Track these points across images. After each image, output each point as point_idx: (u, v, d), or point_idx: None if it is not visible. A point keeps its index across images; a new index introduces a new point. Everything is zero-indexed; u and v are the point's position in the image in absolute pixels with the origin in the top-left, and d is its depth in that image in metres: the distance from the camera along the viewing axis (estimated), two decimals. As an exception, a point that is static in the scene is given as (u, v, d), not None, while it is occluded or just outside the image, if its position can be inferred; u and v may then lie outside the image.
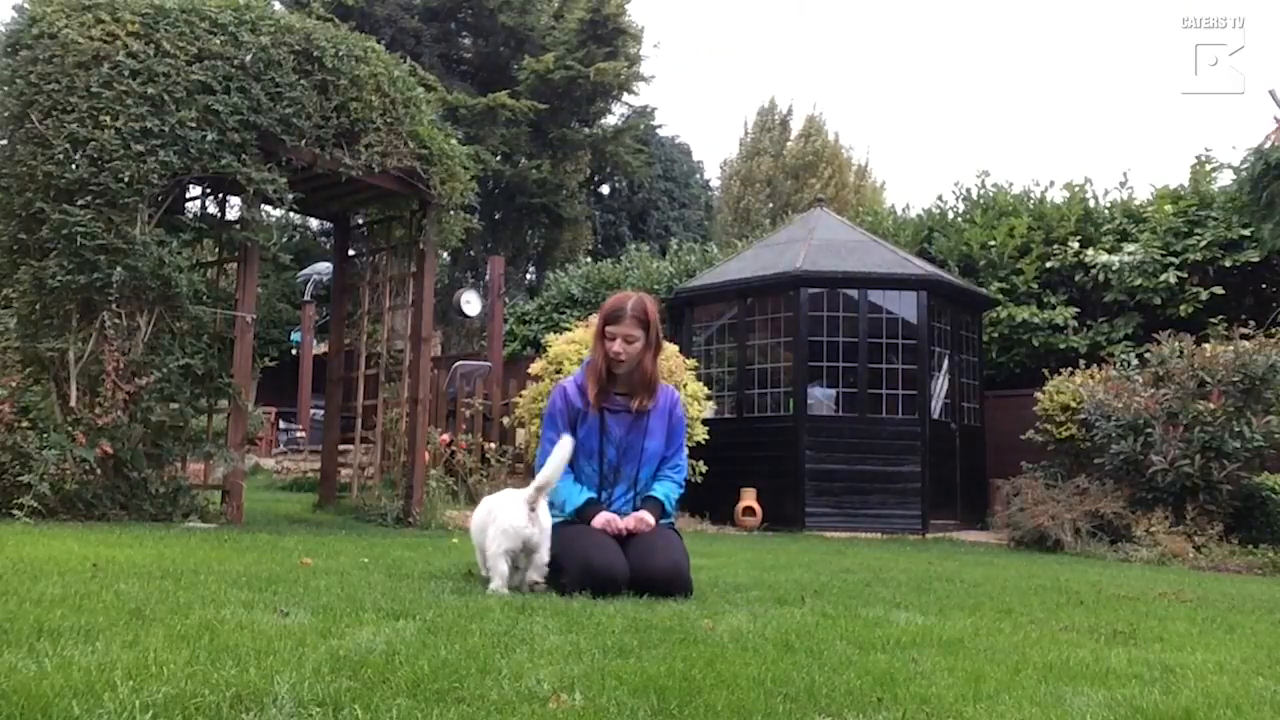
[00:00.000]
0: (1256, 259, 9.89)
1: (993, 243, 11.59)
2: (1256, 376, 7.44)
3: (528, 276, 25.73)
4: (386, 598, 2.72)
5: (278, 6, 6.94)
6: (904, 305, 9.25)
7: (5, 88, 5.40)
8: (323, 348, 13.64)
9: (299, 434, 15.00)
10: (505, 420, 9.41)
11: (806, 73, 55.86)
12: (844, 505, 8.71)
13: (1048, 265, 11.22)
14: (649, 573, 3.10)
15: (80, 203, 5.22)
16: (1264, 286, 10.35)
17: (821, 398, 9.19)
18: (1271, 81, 10.67)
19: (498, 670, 1.81)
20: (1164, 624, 3.19)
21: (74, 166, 5.24)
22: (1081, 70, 58.69)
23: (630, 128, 24.81)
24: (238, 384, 5.83)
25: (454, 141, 6.88)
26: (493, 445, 8.83)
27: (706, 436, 8.24)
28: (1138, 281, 10.31)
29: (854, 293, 9.20)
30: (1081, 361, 9.73)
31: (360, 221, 8.14)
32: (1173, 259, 10.31)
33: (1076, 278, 11.03)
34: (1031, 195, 12.37)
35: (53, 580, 2.61)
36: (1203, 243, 10.20)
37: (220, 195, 6.37)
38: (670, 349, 8.35)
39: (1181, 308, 10.12)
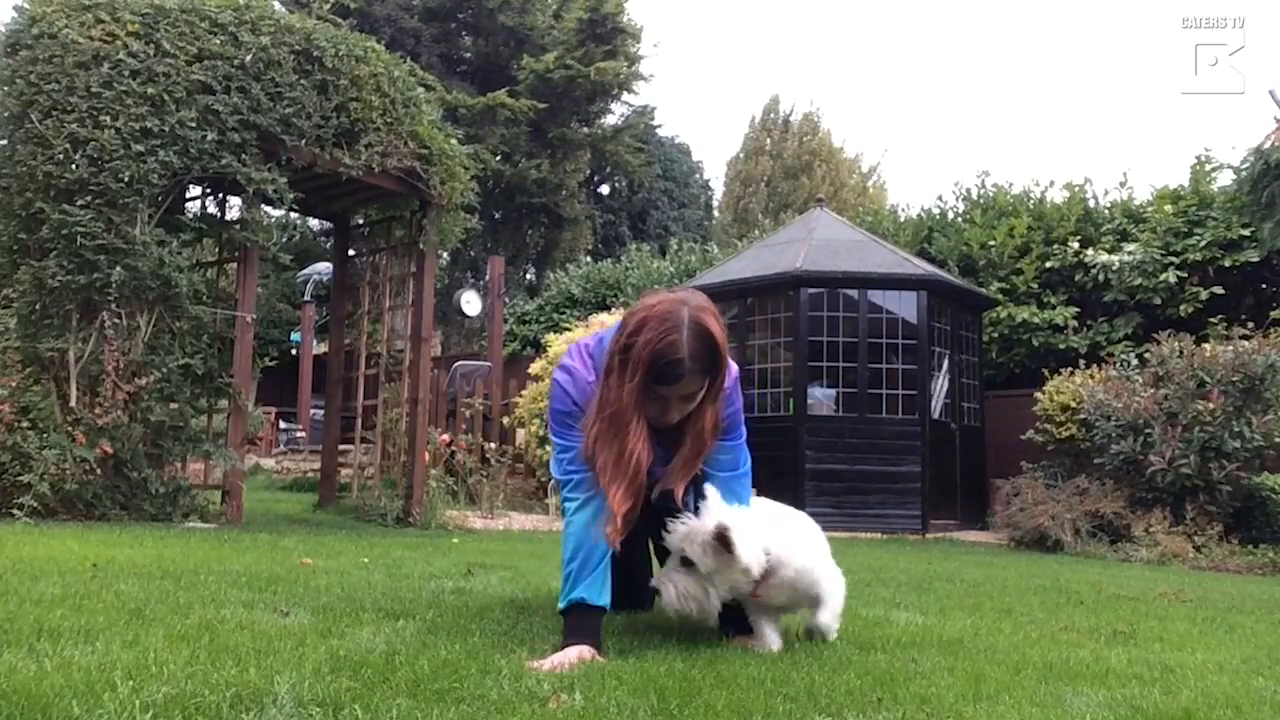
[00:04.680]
0: (1256, 259, 9.89)
1: (993, 243, 11.59)
2: (1256, 376, 7.44)
3: (528, 276, 25.73)
4: (386, 598, 2.72)
5: (278, 6, 6.93)
6: (904, 305, 9.25)
7: (5, 88, 5.39)
8: (323, 348, 13.64)
9: (299, 434, 15.00)
10: (505, 420, 9.40)
11: (806, 73, 55.88)
12: (844, 505, 8.71)
13: (1048, 265, 11.22)
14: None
15: (80, 203, 5.22)
16: (1264, 286, 10.34)
17: (821, 398, 9.19)
18: (1271, 81, 10.67)
19: (498, 670, 1.81)
20: (1164, 624, 3.19)
21: (74, 166, 5.24)
22: (1081, 70, 58.69)
23: (630, 127, 24.81)
24: (238, 384, 5.83)
25: (454, 141, 6.88)
26: (493, 445, 8.83)
27: (706, 436, 8.22)
28: (1138, 281, 10.31)
29: (854, 293, 9.20)
30: (1081, 361, 9.73)
31: (360, 221, 8.13)
32: (1173, 259, 10.31)
33: (1076, 278, 11.02)
34: (1031, 195, 12.37)
35: (53, 580, 2.61)
36: (1203, 243, 10.20)
37: (220, 195, 6.37)
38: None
39: (1181, 308, 10.12)
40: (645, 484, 2.16)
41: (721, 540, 2.13)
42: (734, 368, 2.38)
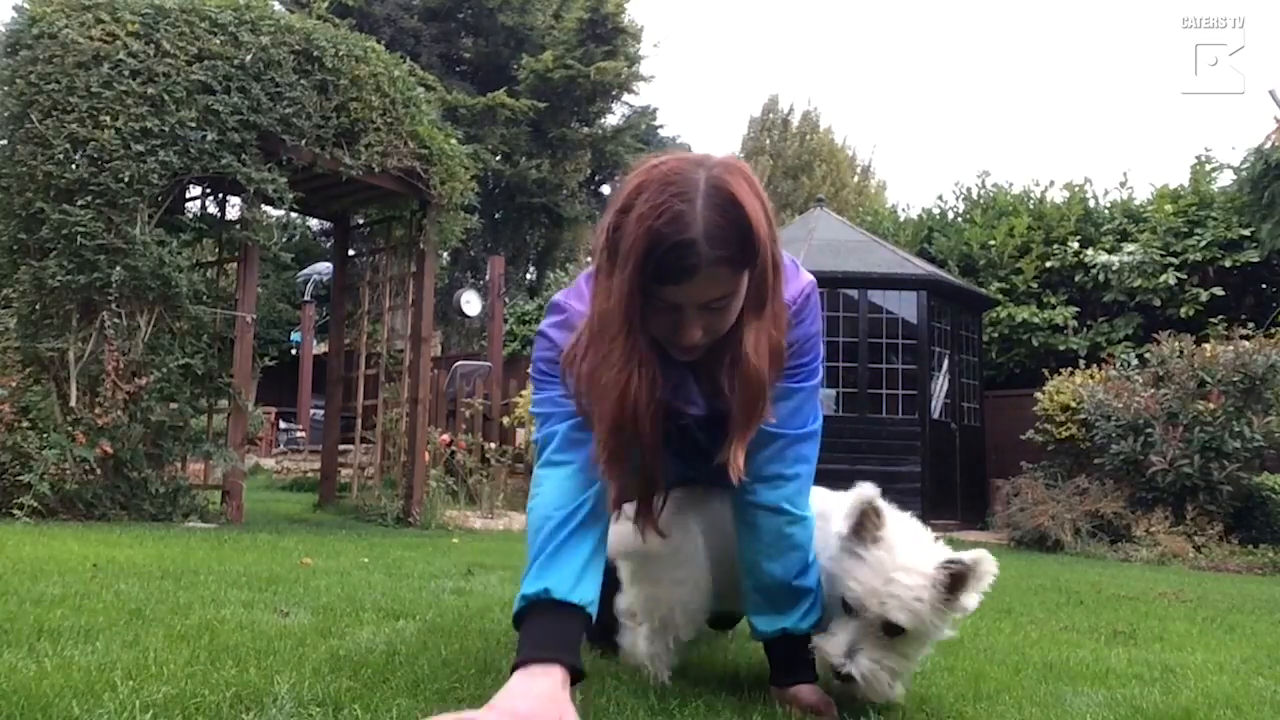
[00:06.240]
0: (1256, 259, 9.90)
1: (993, 243, 11.60)
2: (1256, 376, 7.44)
3: (528, 276, 25.72)
4: (386, 598, 2.72)
5: (278, 6, 6.94)
6: (904, 305, 9.25)
7: (5, 88, 5.40)
8: (323, 348, 13.63)
9: (299, 434, 15.00)
10: (505, 420, 9.40)
11: (807, 72, 55.89)
12: (844, 505, 8.71)
13: (1048, 265, 11.23)
14: None
15: (80, 203, 5.22)
16: (1264, 286, 10.35)
17: (821, 397, 9.19)
18: (1271, 81, 10.68)
19: (498, 670, 1.80)
20: (1164, 624, 3.19)
21: (74, 166, 5.24)
22: (1081, 70, 58.71)
23: (630, 127, 24.80)
24: (238, 384, 5.83)
25: (454, 141, 6.88)
26: (493, 445, 8.82)
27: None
28: (1137, 282, 10.31)
29: (854, 293, 9.20)
30: (1081, 362, 9.73)
31: (360, 221, 8.13)
32: (1172, 259, 10.31)
33: (1076, 278, 11.03)
34: (1031, 195, 12.38)
35: (53, 580, 2.61)
36: (1203, 243, 10.21)
37: (220, 195, 6.37)
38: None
39: (1182, 309, 10.12)
40: (655, 438, 1.46)
41: (956, 580, 1.50)
42: (806, 277, 1.67)
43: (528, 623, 1.45)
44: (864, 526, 1.57)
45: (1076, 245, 11.11)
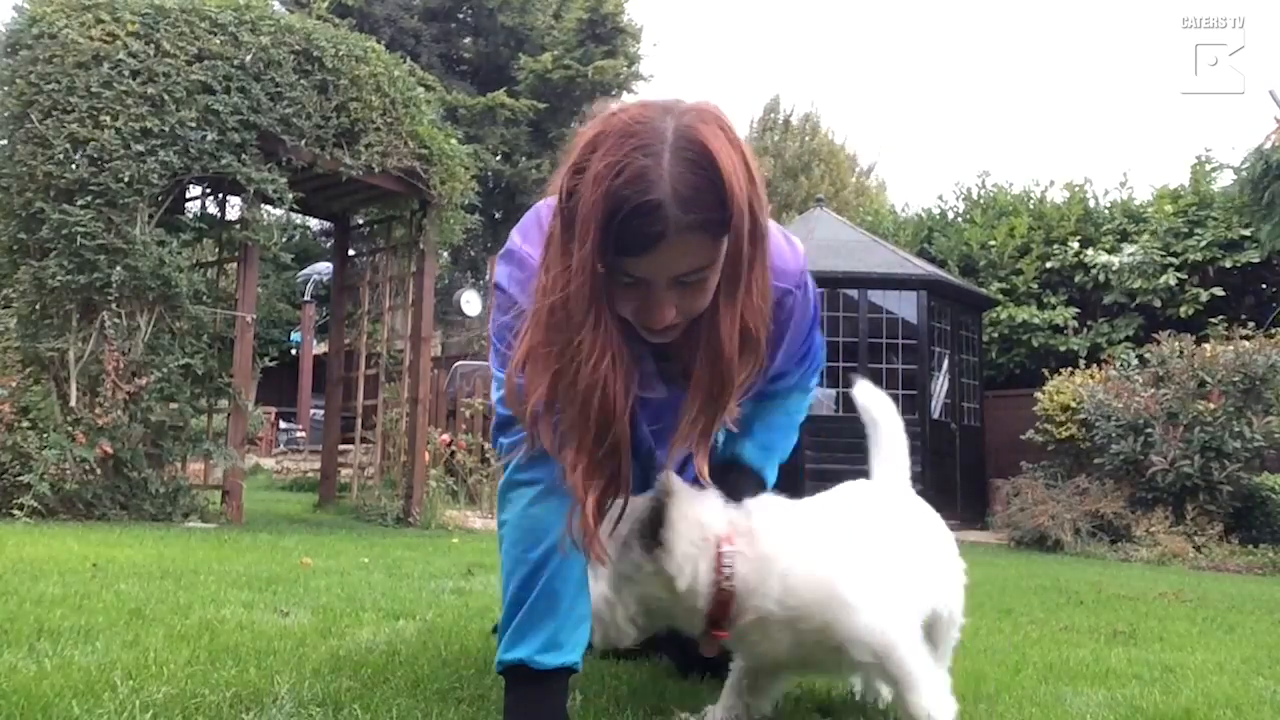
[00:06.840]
0: (1256, 259, 9.91)
1: (993, 243, 11.60)
2: (1256, 376, 7.44)
3: (527, 276, 25.68)
4: (386, 598, 2.72)
5: (278, 6, 6.94)
6: (904, 305, 9.26)
7: (5, 88, 5.40)
8: (323, 348, 13.63)
9: (299, 434, 15.00)
10: (505, 420, 9.39)
11: (807, 73, 55.91)
12: (844, 505, 8.71)
13: (1048, 265, 11.24)
14: None
15: (80, 203, 5.22)
16: (1264, 286, 10.36)
17: (821, 398, 9.19)
18: (1271, 81, 10.67)
19: (498, 670, 1.81)
20: (1164, 624, 3.19)
21: (74, 166, 5.24)
22: (1081, 70, 58.75)
23: (630, 128, 24.80)
24: (238, 384, 5.83)
25: (454, 141, 6.88)
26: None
27: (706, 436, 8.21)
28: (1137, 283, 10.31)
29: (854, 293, 9.20)
30: (1081, 362, 9.73)
31: (360, 221, 8.13)
32: (1173, 259, 10.32)
33: (1076, 278, 11.03)
34: (1031, 195, 12.39)
35: (53, 580, 2.61)
36: (1203, 243, 10.21)
37: (220, 195, 6.37)
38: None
39: (1182, 309, 10.12)
40: (628, 439, 1.25)
41: (651, 523, 1.27)
42: (800, 249, 1.49)
43: (511, 693, 1.38)
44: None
45: (1076, 245, 11.11)
